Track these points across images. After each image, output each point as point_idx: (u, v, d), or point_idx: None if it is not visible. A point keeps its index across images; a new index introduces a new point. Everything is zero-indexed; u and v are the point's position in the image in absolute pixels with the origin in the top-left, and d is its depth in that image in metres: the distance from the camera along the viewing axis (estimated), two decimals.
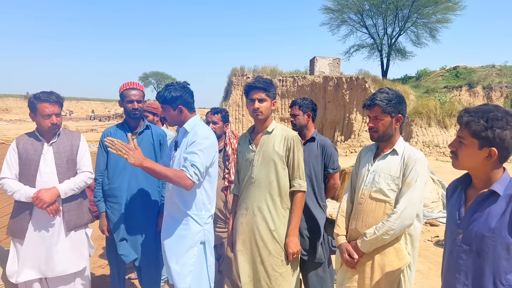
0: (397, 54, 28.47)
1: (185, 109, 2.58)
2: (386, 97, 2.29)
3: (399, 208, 2.18)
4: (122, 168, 3.03)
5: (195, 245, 2.51)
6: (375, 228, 2.23)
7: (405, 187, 2.22)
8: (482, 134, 1.54)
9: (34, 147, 2.82)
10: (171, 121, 2.65)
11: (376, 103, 2.29)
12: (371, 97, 2.34)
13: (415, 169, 2.21)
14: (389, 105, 2.28)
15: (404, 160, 2.27)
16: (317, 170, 3.09)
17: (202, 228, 2.53)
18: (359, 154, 2.61)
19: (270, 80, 2.68)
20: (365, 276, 2.32)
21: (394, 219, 2.17)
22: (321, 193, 3.11)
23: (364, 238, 2.27)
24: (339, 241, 2.46)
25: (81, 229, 2.98)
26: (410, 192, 2.19)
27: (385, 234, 2.19)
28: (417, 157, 2.24)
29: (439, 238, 5.86)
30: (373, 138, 2.37)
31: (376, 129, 2.32)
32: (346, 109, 22.07)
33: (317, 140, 3.18)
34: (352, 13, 28.03)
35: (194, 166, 2.37)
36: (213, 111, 3.33)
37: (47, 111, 2.74)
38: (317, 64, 23.32)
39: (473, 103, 22.59)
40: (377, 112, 2.30)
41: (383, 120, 2.30)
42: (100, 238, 5.28)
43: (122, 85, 3.11)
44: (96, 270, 4.44)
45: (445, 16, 26.26)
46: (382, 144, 2.40)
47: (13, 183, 2.74)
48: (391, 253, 2.26)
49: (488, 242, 1.53)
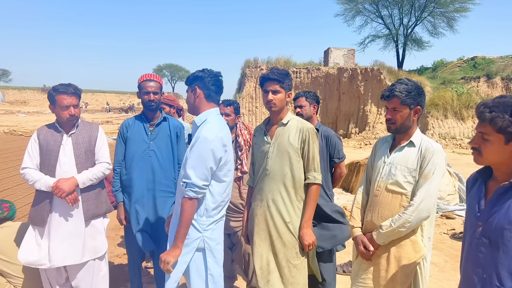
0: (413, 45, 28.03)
1: (201, 93, 2.36)
2: (406, 88, 2.25)
3: (416, 201, 2.17)
4: (140, 159, 3.08)
5: (189, 252, 2.27)
6: (391, 221, 2.23)
7: (422, 179, 2.21)
8: (509, 129, 1.51)
9: (54, 138, 2.88)
10: (188, 105, 2.45)
11: (395, 94, 2.25)
12: (390, 88, 2.30)
13: (433, 161, 2.19)
14: (408, 97, 2.24)
15: (422, 152, 2.25)
16: (322, 160, 3.14)
17: (201, 235, 2.29)
18: (374, 145, 2.59)
19: (286, 71, 2.66)
20: (380, 269, 2.32)
21: (411, 212, 2.17)
22: (327, 183, 3.21)
23: (380, 230, 2.26)
24: (355, 233, 2.46)
25: (99, 218, 3.04)
26: (428, 185, 2.17)
27: (402, 227, 2.18)
28: (434, 149, 2.22)
29: (455, 231, 5.81)
30: (391, 129, 2.34)
31: (394, 121, 2.29)
32: (360, 101, 21.86)
33: (321, 131, 3.26)
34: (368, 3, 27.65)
35: (190, 185, 2.19)
36: (225, 103, 3.37)
37: (65, 102, 2.79)
38: (332, 55, 23.10)
39: (492, 94, 22.11)
40: (395, 104, 2.27)
41: (402, 112, 2.27)
42: (117, 228, 5.39)
43: (140, 77, 3.15)
44: (114, 259, 4.53)
45: (463, 5, 25.69)
46: (399, 136, 2.37)
47: (34, 173, 2.81)
48: (408, 245, 2.26)
49: (508, 235, 1.51)
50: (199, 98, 2.37)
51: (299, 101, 3.43)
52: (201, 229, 2.29)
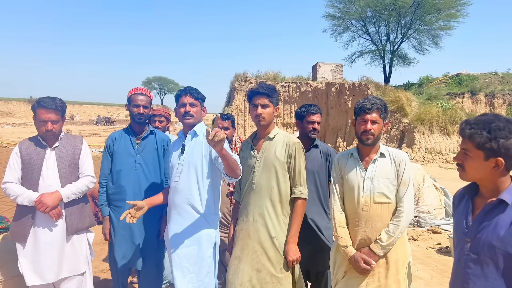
0: (399, 61, 28.54)
1: (205, 111, 2.80)
2: (382, 103, 2.44)
3: (405, 207, 2.35)
4: (126, 172, 3.05)
5: (209, 248, 2.62)
6: (387, 231, 2.33)
7: (402, 186, 2.39)
8: (487, 145, 1.53)
9: (37, 151, 2.83)
10: (196, 118, 2.68)
11: (377, 107, 2.40)
12: (370, 101, 2.41)
13: (407, 168, 2.41)
14: (385, 111, 2.45)
15: (395, 161, 2.43)
16: (323, 178, 3.08)
17: (214, 231, 2.66)
18: (336, 162, 2.61)
19: (273, 86, 2.69)
20: (379, 277, 2.37)
21: (404, 218, 2.33)
22: (327, 201, 3.08)
23: (380, 243, 2.33)
24: (349, 252, 2.42)
25: (83, 232, 2.98)
26: (408, 190, 2.38)
27: (399, 233, 2.33)
28: (403, 157, 2.44)
29: (441, 245, 5.83)
30: (369, 141, 2.41)
31: (373, 133, 2.39)
32: (348, 115, 22.06)
33: (320, 147, 3.16)
34: (355, 20, 28.13)
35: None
36: (223, 117, 3.37)
37: (43, 117, 2.76)
38: (320, 70, 23.37)
39: (476, 110, 22.56)
40: (376, 116, 2.40)
41: (379, 124, 2.42)
42: (102, 243, 5.27)
43: (131, 90, 3.16)
44: (99, 274, 4.43)
45: (447, 23, 26.37)
46: (366, 149, 2.47)
47: (16, 187, 2.75)
48: (400, 247, 2.41)
49: (496, 251, 1.52)
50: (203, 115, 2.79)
51: (317, 117, 3.16)
52: (214, 225, 2.66)
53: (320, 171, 3.06)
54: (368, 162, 2.45)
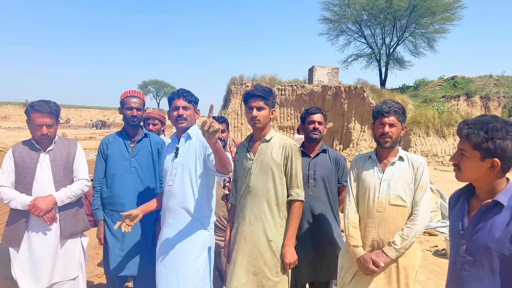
0: (395, 64, 28.66)
1: (198, 114, 2.76)
2: (400, 107, 2.46)
3: (421, 211, 2.35)
4: (121, 176, 3.02)
5: (204, 251, 2.58)
6: (401, 235, 2.33)
7: (419, 190, 2.40)
8: (483, 145, 1.54)
9: (31, 155, 2.81)
10: (189, 121, 2.66)
11: (395, 110, 2.42)
12: (388, 105, 2.45)
13: (425, 173, 2.41)
14: (403, 114, 2.47)
15: (413, 165, 2.44)
16: (332, 184, 3.05)
17: (209, 233, 2.62)
18: (353, 163, 2.63)
19: (270, 88, 2.67)
20: (391, 280, 2.37)
21: (420, 222, 2.33)
22: (337, 207, 3.06)
23: (394, 246, 2.32)
24: (358, 253, 2.42)
25: (77, 237, 2.96)
26: (425, 194, 2.38)
27: (414, 237, 2.33)
28: (421, 162, 2.45)
29: (437, 248, 5.83)
30: (387, 144, 2.44)
31: (391, 135, 2.42)
32: (344, 118, 22.11)
33: (329, 152, 3.11)
34: (351, 23, 28.25)
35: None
36: (219, 120, 3.36)
37: (38, 121, 2.74)
38: (316, 73, 23.41)
39: (471, 112, 22.68)
40: (393, 120, 2.43)
41: (397, 127, 2.44)
42: (97, 247, 5.24)
43: (123, 93, 3.13)
44: (94, 279, 4.39)
45: (442, 27, 26.52)
46: (385, 151, 2.49)
47: (9, 191, 2.73)
48: (411, 253, 2.40)
49: (492, 253, 1.52)
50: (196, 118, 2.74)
51: (318, 117, 3.08)
52: (208, 227, 2.62)
53: (330, 177, 3.02)
54: (386, 164, 2.48)
